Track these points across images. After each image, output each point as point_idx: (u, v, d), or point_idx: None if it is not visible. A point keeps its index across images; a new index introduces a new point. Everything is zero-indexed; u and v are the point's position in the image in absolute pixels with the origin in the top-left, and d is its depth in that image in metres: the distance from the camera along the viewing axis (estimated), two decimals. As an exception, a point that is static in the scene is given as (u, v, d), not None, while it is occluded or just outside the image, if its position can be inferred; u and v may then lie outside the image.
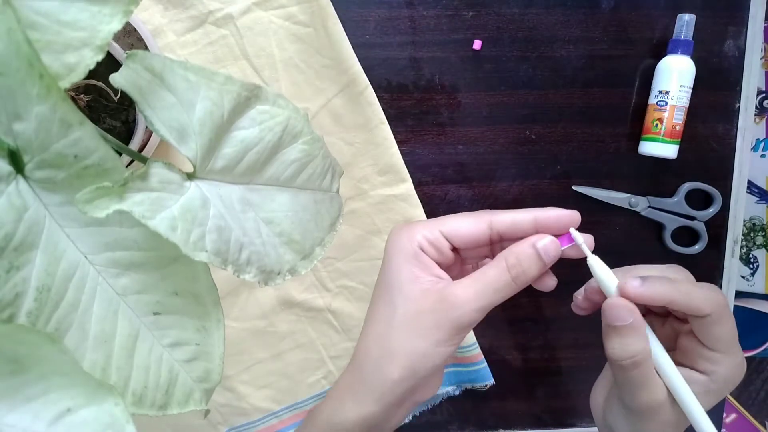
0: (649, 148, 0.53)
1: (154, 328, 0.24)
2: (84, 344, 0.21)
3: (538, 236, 0.30)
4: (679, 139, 0.52)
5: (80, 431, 0.19)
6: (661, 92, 0.51)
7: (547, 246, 0.30)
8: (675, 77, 0.51)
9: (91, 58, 0.20)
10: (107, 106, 0.42)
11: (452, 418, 0.59)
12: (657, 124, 0.52)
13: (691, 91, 0.52)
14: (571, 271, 0.33)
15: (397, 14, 0.51)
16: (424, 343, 0.29)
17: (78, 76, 0.20)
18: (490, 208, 0.56)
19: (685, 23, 0.51)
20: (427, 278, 0.30)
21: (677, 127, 0.52)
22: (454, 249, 0.32)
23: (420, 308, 0.30)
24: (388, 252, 0.32)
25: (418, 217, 0.54)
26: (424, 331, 0.29)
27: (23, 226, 0.19)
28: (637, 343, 0.29)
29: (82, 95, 0.41)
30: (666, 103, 0.51)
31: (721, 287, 0.58)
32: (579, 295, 0.34)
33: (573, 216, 0.31)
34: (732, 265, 0.57)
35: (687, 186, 0.55)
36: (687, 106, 0.52)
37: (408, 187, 0.53)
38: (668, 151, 0.52)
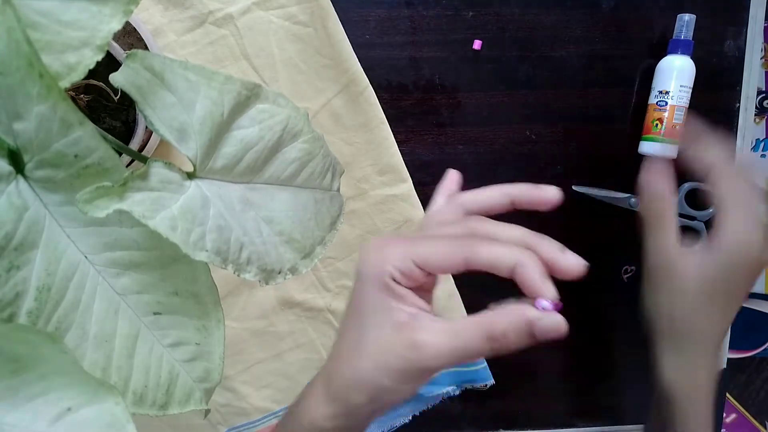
0: (649, 148, 0.53)
1: (154, 328, 0.24)
2: (84, 344, 0.21)
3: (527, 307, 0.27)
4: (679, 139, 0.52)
5: (81, 431, 0.19)
6: (661, 92, 0.51)
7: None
8: (675, 77, 0.51)
9: (91, 58, 0.20)
10: (107, 106, 0.42)
11: (452, 418, 0.59)
12: (657, 124, 0.52)
13: (691, 91, 0.52)
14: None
15: (397, 14, 0.51)
16: (390, 382, 0.29)
17: (78, 75, 0.20)
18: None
19: (685, 23, 0.51)
20: (404, 309, 0.29)
21: (677, 127, 0.52)
22: None
23: (389, 347, 0.28)
24: (359, 276, 0.30)
25: (418, 217, 0.54)
26: (391, 372, 0.28)
27: (23, 225, 0.19)
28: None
29: (82, 95, 0.41)
30: (666, 103, 0.51)
31: (721, 287, 0.58)
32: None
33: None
34: (732, 265, 0.57)
35: (687, 186, 0.55)
36: (687, 106, 0.52)
37: (408, 187, 0.53)
38: (668, 151, 0.52)
